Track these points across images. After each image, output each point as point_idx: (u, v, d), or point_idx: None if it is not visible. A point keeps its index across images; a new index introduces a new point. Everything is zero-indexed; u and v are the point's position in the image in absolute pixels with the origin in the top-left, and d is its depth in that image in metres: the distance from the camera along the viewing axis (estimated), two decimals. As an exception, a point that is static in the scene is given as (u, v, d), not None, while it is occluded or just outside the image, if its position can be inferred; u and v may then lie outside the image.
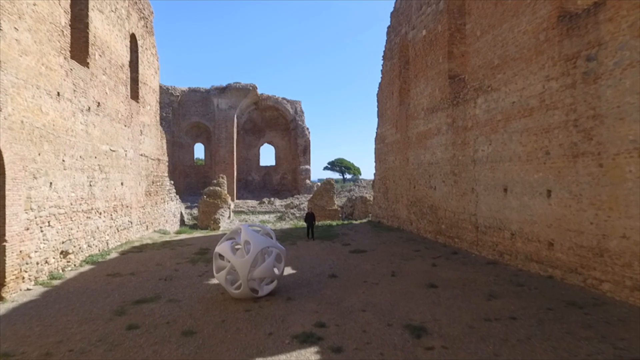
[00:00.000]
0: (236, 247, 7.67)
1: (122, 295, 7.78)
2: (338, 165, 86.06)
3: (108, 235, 12.96)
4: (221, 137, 36.36)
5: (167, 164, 21.16)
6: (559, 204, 8.39)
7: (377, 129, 21.77)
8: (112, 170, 13.38)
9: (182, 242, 14.89)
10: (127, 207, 14.85)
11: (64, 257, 10.06)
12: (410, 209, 16.79)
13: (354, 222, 22.95)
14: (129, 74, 15.36)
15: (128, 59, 15.32)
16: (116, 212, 13.70)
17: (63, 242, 10.01)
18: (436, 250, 12.29)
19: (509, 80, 10.05)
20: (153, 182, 18.46)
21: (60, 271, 9.74)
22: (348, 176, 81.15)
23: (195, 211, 28.43)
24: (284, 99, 41.18)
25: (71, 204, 10.45)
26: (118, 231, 13.89)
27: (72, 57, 10.94)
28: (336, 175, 79.79)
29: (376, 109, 21.91)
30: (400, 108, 17.94)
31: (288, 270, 9.79)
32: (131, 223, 15.24)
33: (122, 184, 14.27)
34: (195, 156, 41.22)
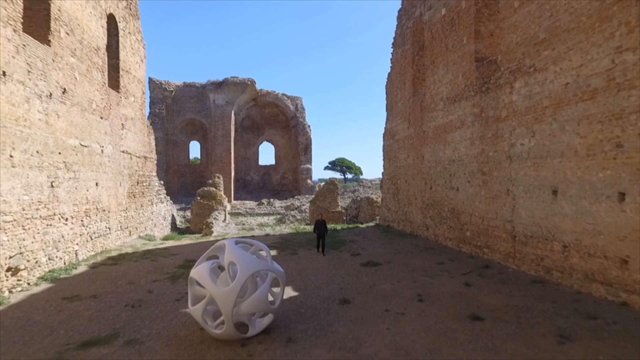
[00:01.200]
0: (220, 267, 5.81)
1: (70, 332, 5.89)
2: (339, 164, 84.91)
3: (77, 244, 11.07)
4: (218, 134, 34.50)
5: (155, 162, 19.29)
6: (637, 211, 6.49)
7: (385, 124, 19.87)
8: (84, 168, 11.50)
9: (166, 251, 13.01)
10: (104, 211, 12.96)
11: (12, 275, 8.17)
12: (426, 212, 14.90)
13: (360, 225, 21.06)
14: (106, 60, 13.47)
15: (105, 42, 13.43)
16: (89, 217, 11.82)
17: (11, 257, 8.12)
18: (463, 263, 10.40)
19: (560, 56, 8.15)
20: (138, 182, 16.59)
21: (6, 293, 7.85)
22: (349, 176, 79.76)
23: (189, 213, 26.55)
24: (284, 94, 39.34)
25: (23, 210, 8.56)
26: (91, 239, 12.00)
27: (27, 32, 9.08)
28: (337, 175, 78.10)
29: (383, 103, 20.03)
30: (414, 99, 16.05)
31: (288, 292, 7.91)
32: (109, 229, 13.35)
33: (97, 184, 12.38)
34: (192, 155, 39.42)
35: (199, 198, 23.52)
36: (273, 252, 12.50)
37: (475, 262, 10.54)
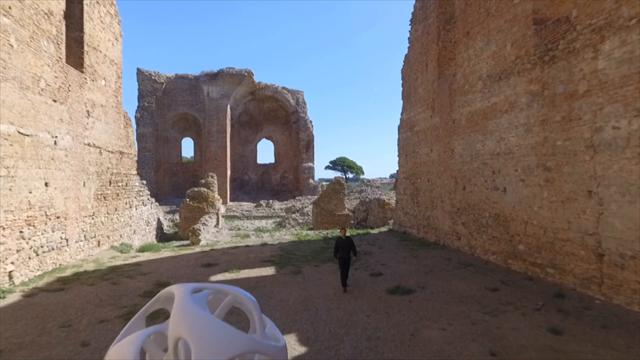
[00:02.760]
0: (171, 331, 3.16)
1: None
2: (340, 164, 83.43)
3: (12, 263, 8.44)
4: (212, 130, 31.85)
5: (135, 158, 16.66)
6: None
7: (401, 114, 17.25)
8: (24, 164, 8.88)
9: (136, 268, 10.38)
10: (58, 217, 10.34)
11: None
12: (457, 217, 12.27)
13: (371, 231, 18.44)
14: (63, 29, 10.86)
15: (63, 7, 10.82)
16: (32, 226, 9.19)
17: None
18: (524, 289, 7.77)
19: (692, -5, 5.52)
20: (111, 182, 13.97)
21: None
22: (350, 175, 77.98)
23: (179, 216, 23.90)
24: (284, 88, 36.70)
25: None
26: (37, 255, 9.38)
27: None
28: (338, 175, 76.13)
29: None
30: (440, 82, 13.43)
31: (291, 343, 5.28)
32: (66, 240, 10.73)
33: (46, 184, 9.77)
34: (185, 153, 36.79)
35: (188, 200, 20.89)
36: (271, 271, 9.88)
37: (538, 287, 7.92)
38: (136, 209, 16.77)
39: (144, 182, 18.42)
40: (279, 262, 10.88)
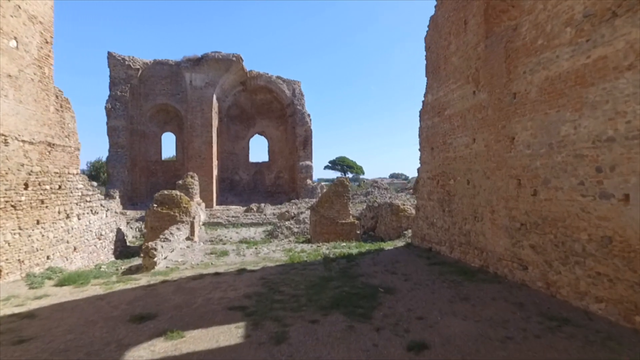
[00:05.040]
0: None
1: None
2: (340, 164, 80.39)
3: None
4: (195, 123, 27.91)
5: (77, 152, 12.75)
6: None
7: (425, 95, 13.34)
8: None
9: (21, 324, 6.42)
10: None
11: None
12: (521, 236, 8.36)
13: (384, 245, 14.51)
14: None
15: None
16: None
17: None
18: None
19: None
20: (27, 185, 10.05)
21: None
22: (349, 175, 75.01)
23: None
24: (278, 77, 32.81)
25: None
26: None
27: None
28: (338, 175, 72.82)
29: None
30: (488, 43, 9.53)
31: None
32: None
33: None
34: (167, 151, 32.84)
35: (155, 205, 16.96)
36: (236, 335, 5.93)
37: None
38: (79, 219, 12.85)
39: (95, 183, 14.50)
40: (254, 311, 6.94)
